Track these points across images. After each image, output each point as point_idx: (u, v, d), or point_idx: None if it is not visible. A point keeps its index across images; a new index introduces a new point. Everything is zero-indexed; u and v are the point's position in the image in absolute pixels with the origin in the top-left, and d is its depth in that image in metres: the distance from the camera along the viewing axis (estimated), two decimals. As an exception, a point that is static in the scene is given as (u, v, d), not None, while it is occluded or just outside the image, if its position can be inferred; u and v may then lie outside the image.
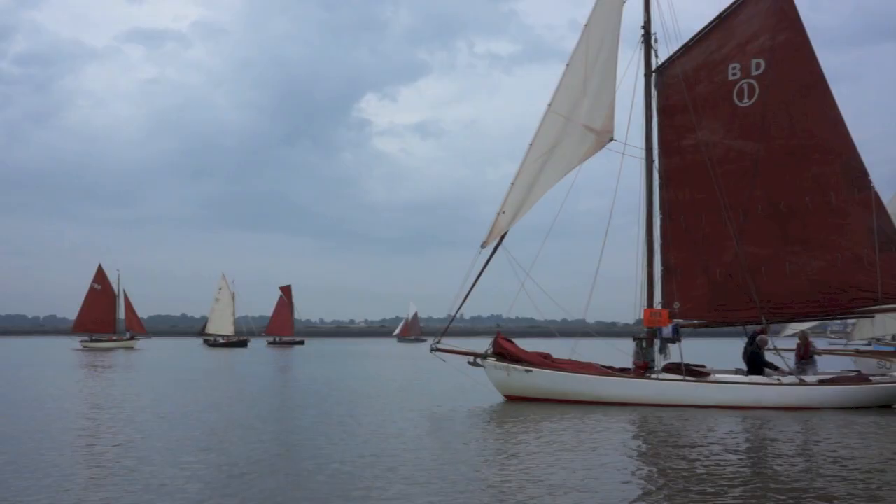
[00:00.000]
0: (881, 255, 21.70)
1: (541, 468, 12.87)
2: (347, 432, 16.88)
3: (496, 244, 23.49)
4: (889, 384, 21.62)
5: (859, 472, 12.49)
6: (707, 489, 11.19)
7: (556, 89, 23.48)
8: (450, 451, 14.54)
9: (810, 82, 22.60)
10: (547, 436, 16.57)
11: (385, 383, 32.17)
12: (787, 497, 10.63)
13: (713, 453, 14.23)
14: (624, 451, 14.83)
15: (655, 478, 12.34)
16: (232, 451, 14.38)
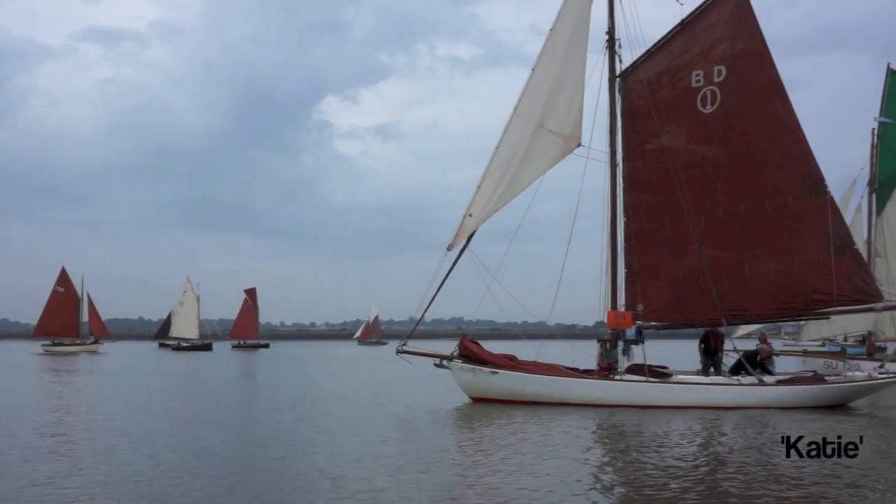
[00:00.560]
0: (836, 259, 22.11)
1: (506, 469, 12.91)
2: (312, 435, 16.89)
3: (462, 247, 23.45)
4: (844, 384, 22.03)
5: (814, 469, 12.54)
6: (668, 487, 11.33)
7: (521, 93, 23.61)
8: (415, 452, 14.57)
9: (769, 89, 22.96)
10: (512, 437, 16.64)
11: (351, 386, 32.07)
12: (748, 495, 10.81)
13: (675, 453, 14.39)
14: (588, 451, 14.97)
15: (618, 477, 12.46)
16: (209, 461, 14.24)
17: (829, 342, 41.24)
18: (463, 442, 16.40)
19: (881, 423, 19.96)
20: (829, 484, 11.37)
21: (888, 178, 38.46)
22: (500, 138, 23.55)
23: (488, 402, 22.30)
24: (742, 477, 12.10)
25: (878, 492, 11.02)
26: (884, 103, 38.47)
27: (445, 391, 23.54)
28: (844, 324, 36.64)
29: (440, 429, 18.43)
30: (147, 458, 13.82)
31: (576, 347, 23.85)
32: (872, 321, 36.21)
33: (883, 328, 37.37)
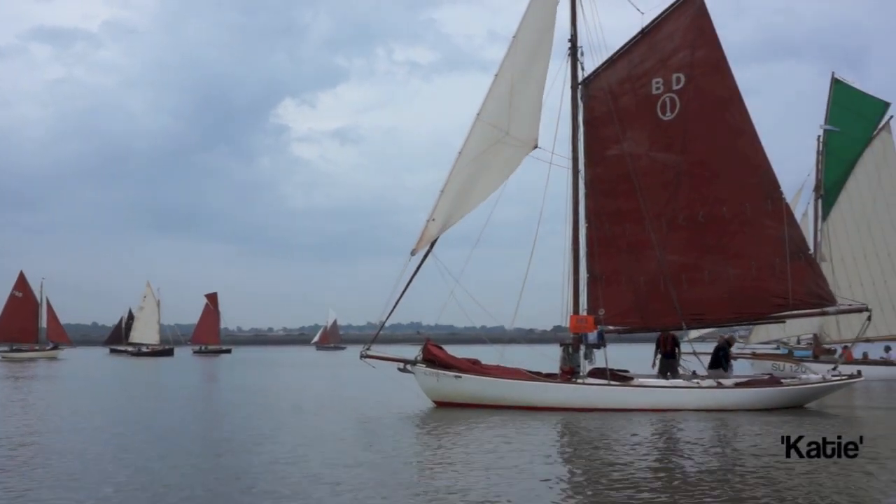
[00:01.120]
0: (791, 264, 22.30)
1: (469, 473, 12.81)
2: (276, 439, 16.58)
3: (426, 252, 23.21)
4: (800, 386, 22.29)
5: (772, 469, 12.80)
6: (629, 489, 11.30)
7: (484, 99, 23.53)
8: (379, 457, 14.37)
9: (727, 97, 23.14)
10: (476, 441, 16.52)
11: (314, 391, 31.59)
12: (710, 495, 10.84)
13: (636, 455, 14.39)
14: (552, 454, 14.94)
15: (582, 479, 12.41)
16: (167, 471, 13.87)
17: (783, 345, 41.42)
18: (427, 446, 16.28)
19: (842, 423, 19.87)
20: (795, 484, 11.46)
21: (833, 185, 39.08)
22: (464, 143, 23.46)
23: (452, 406, 22.12)
24: (704, 476, 12.18)
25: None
26: (828, 111, 39.02)
27: (409, 395, 23.30)
28: (792, 327, 36.86)
29: (404, 434, 18.20)
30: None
31: (538, 351, 23.65)
32: (818, 324, 36.53)
33: (829, 331, 37.70)
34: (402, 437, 17.35)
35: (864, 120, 39.00)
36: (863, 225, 38.30)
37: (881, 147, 38.91)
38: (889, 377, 33.73)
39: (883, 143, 38.91)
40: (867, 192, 38.65)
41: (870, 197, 38.56)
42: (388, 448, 15.44)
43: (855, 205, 38.73)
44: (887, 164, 38.73)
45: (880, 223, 38.26)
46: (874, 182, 38.58)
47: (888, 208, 38.31)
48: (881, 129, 38.99)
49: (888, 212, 38.28)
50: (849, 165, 39.06)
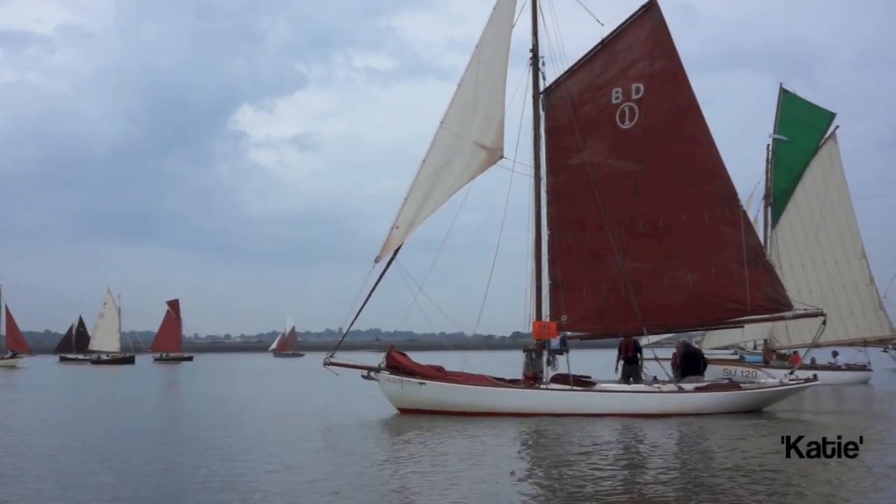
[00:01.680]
0: (749, 270, 22.27)
1: (433, 479, 12.57)
2: (239, 446, 16.20)
3: (390, 259, 22.77)
4: (758, 390, 22.26)
5: (730, 470, 12.87)
6: (593, 493, 11.23)
7: (447, 107, 23.34)
8: (342, 465, 14.08)
9: (685, 106, 23.11)
10: (440, 447, 16.24)
11: (278, 399, 30.90)
12: (673, 498, 10.84)
13: (600, 460, 14.22)
14: (516, 460, 14.69)
15: (546, 485, 12.23)
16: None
17: (740, 350, 41.50)
18: (391, 453, 15.95)
19: (799, 426, 19.73)
20: (748, 486, 11.45)
21: (782, 193, 39.31)
22: (427, 151, 23.19)
23: (416, 413, 21.74)
24: (665, 479, 12.20)
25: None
26: (777, 121, 39.28)
27: (372, 403, 22.82)
28: (743, 332, 37.00)
29: (368, 441, 17.83)
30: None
31: (501, 357, 23.35)
32: (768, 330, 36.65)
33: (778, 336, 37.86)
34: (367, 445, 16.99)
35: (812, 129, 39.37)
36: (810, 232, 38.56)
37: (827, 156, 39.24)
38: (836, 382, 33.98)
39: (829, 153, 39.25)
40: (814, 201, 38.93)
41: (817, 205, 38.83)
42: (353, 456, 15.10)
43: (803, 212, 39.00)
44: (833, 172, 39.08)
45: (827, 231, 38.56)
46: (821, 190, 38.89)
47: (834, 216, 38.64)
48: (827, 138, 39.34)
49: (834, 219, 38.61)
50: (797, 174, 39.34)
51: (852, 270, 38.24)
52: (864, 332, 37.15)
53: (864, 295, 37.91)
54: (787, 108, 39.47)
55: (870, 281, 38.30)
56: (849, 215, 38.84)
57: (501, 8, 23.33)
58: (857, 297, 37.60)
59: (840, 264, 38.24)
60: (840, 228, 38.60)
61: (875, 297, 38.33)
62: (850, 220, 38.78)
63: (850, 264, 38.27)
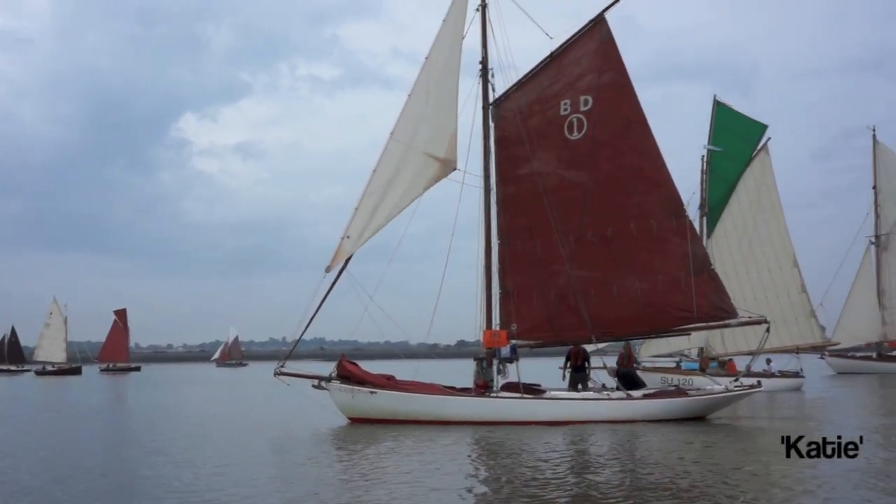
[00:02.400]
0: (696, 279, 22.09)
1: (386, 488, 12.24)
2: (187, 459, 15.47)
3: (341, 268, 22.15)
4: (704, 397, 22.09)
5: (678, 474, 12.90)
6: (548, 499, 11.07)
7: (398, 118, 22.77)
8: (291, 475, 13.58)
9: (632, 118, 22.91)
10: (391, 456, 15.90)
11: (226, 409, 29.92)
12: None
13: (550, 466, 14.09)
14: (468, 468, 14.41)
15: (497, 493, 11.95)
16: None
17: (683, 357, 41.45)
18: (343, 463, 15.35)
19: (740, 432, 20.08)
20: (691, 490, 11.45)
21: (717, 203, 39.51)
22: (378, 161, 22.63)
23: (367, 422, 21.11)
24: (614, 483, 12.19)
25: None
26: (711, 132, 39.46)
27: (322, 412, 22.09)
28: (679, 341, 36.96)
29: (320, 450, 17.22)
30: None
31: (451, 366, 22.87)
32: (704, 338, 36.67)
33: (714, 344, 37.94)
34: (319, 455, 16.38)
35: (745, 141, 39.72)
36: (744, 242, 38.78)
37: (760, 167, 39.59)
38: (770, 388, 33.99)
39: (762, 164, 39.62)
40: (748, 211, 39.21)
41: (750, 215, 39.09)
42: (304, 467, 14.55)
43: (737, 222, 39.23)
44: (766, 183, 39.43)
45: (760, 240, 38.84)
46: (754, 200, 39.18)
47: (767, 226, 38.95)
48: (760, 149, 39.70)
49: (767, 229, 38.91)
50: (731, 184, 39.62)
51: (785, 278, 38.53)
52: (796, 340, 37.40)
53: (797, 302, 38.22)
54: (720, 119, 39.72)
55: (801, 289, 38.63)
56: (781, 225, 39.17)
57: (451, 20, 22.91)
58: (790, 304, 37.85)
59: (773, 272, 38.51)
60: (773, 238, 38.89)
61: (807, 304, 38.68)
62: (782, 229, 39.11)
63: (782, 273, 38.57)
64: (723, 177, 39.56)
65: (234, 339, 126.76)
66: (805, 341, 38.09)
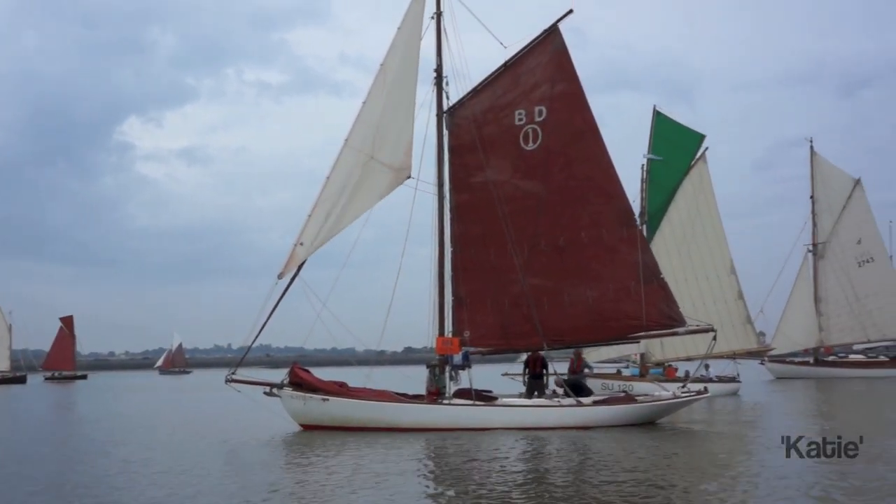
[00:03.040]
0: (645, 287, 22.17)
1: (336, 496, 12.02)
2: (134, 468, 15.02)
3: (293, 275, 21.65)
4: (652, 403, 22.09)
5: (630, 479, 12.86)
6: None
7: (352, 125, 22.37)
8: (245, 485, 13.10)
9: (584, 129, 22.93)
10: (343, 463, 15.54)
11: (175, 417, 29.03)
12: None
13: (503, 472, 14.03)
14: (418, 475, 14.15)
15: (448, 499, 11.83)
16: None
17: (632, 364, 41.64)
18: (295, 471, 14.99)
19: (683, 436, 20.26)
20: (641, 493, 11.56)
21: (657, 211, 39.79)
22: (332, 168, 22.20)
23: (319, 429, 20.68)
24: (562, 489, 12.24)
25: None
26: (651, 142, 39.75)
27: (273, 419, 21.51)
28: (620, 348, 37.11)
29: (271, 458, 16.81)
30: None
31: (403, 373, 22.56)
32: (644, 344, 36.85)
33: (653, 351, 38.20)
34: (270, 462, 16.03)
35: (683, 150, 40.13)
36: (683, 249, 39.09)
37: (698, 176, 40.04)
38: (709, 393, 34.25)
39: (700, 173, 40.09)
40: (686, 219, 39.57)
41: (689, 223, 39.48)
42: (256, 475, 14.13)
43: (676, 230, 39.55)
44: (704, 192, 39.90)
45: (698, 248, 39.23)
46: (693, 209, 39.57)
47: (705, 234, 39.39)
48: (698, 159, 40.14)
49: (705, 237, 39.35)
50: (670, 193, 39.95)
51: (722, 286, 39.02)
52: (733, 345, 37.80)
53: (733, 309, 38.74)
54: (660, 129, 40.06)
55: (738, 296, 39.19)
56: (718, 233, 39.67)
57: (406, 27, 22.62)
58: (727, 311, 38.31)
59: (710, 280, 38.92)
60: (710, 245, 39.35)
61: (743, 311, 39.26)
62: (719, 237, 39.63)
63: (719, 280, 39.04)
64: (662, 185, 39.89)
65: (177, 346, 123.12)
66: (741, 347, 38.58)
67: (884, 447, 15.50)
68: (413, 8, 22.67)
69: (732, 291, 39.11)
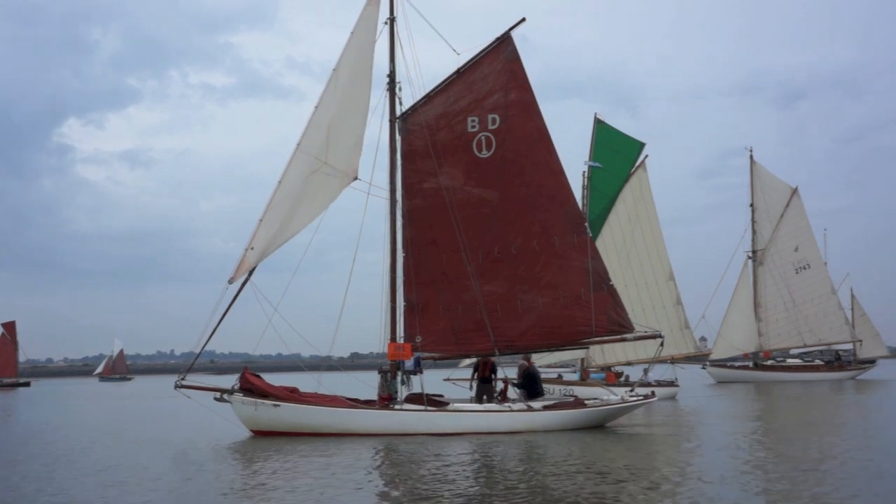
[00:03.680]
0: (595, 294, 22.70)
1: (290, 501, 12.09)
2: (85, 475, 14.92)
3: (244, 280, 21.69)
4: (602, 407, 22.54)
5: (578, 482, 13.20)
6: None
7: (304, 129, 22.39)
8: (191, 489, 13.29)
9: (537, 137, 23.29)
10: (294, 469, 15.51)
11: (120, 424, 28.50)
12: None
13: (453, 477, 14.16)
14: (370, 480, 14.24)
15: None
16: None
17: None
18: (246, 477, 14.94)
19: (634, 440, 20.57)
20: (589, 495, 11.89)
21: (597, 217, 40.54)
22: (283, 173, 22.16)
23: (271, 435, 20.68)
24: (510, 490, 12.49)
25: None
26: (592, 149, 40.62)
27: (225, 425, 21.54)
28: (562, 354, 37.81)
29: (222, 465, 16.65)
30: None
31: (356, 378, 22.74)
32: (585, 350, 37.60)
33: (594, 356, 39.02)
34: (221, 469, 15.91)
35: (624, 158, 40.98)
36: (623, 256, 39.96)
37: (638, 184, 40.99)
38: None
39: (640, 180, 41.03)
40: (626, 225, 40.47)
41: (629, 229, 40.39)
42: (205, 482, 14.16)
43: (616, 237, 40.42)
44: (643, 199, 40.84)
45: (638, 254, 40.17)
46: (633, 216, 40.50)
47: (644, 240, 40.35)
48: (638, 167, 41.10)
49: (645, 243, 40.32)
50: (611, 200, 40.76)
51: (661, 292, 40.04)
52: (671, 350, 38.63)
53: (672, 315, 39.75)
54: (601, 137, 40.86)
55: (677, 301, 40.26)
56: (658, 240, 40.68)
57: (360, 32, 22.72)
58: (665, 316, 39.28)
59: (650, 286, 39.93)
60: (650, 252, 40.33)
61: (682, 316, 40.32)
62: (658, 244, 40.62)
63: (658, 286, 40.07)
64: (603, 192, 40.68)
65: (118, 352, 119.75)
66: (679, 352, 39.64)
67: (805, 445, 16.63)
68: (366, 13, 22.76)
69: (671, 297, 40.18)
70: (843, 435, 20.37)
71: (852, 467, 14.15)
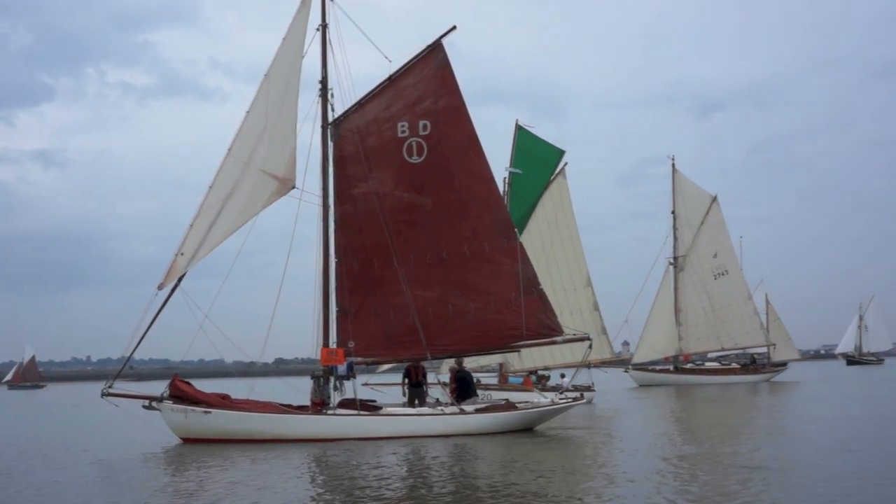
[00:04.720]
0: (525, 298, 23.30)
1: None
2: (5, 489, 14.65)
3: (174, 285, 21.79)
4: (531, 410, 23.26)
5: (511, 483, 13.60)
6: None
7: (235, 134, 22.53)
8: (117, 499, 13.32)
9: (467, 143, 23.82)
10: (225, 476, 15.59)
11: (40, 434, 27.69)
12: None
13: (385, 481, 14.44)
14: (302, 486, 14.51)
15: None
16: None
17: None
18: (175, 486, 14.90)
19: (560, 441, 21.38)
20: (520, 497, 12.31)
21: (517, 223, 40.96)
22: (214, 178, 22.26)
23: (201, 442, 20.72)
24: (444, 492, 12.87)
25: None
26: (513, 155, 41.60)
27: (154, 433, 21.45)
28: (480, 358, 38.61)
29: (149, 474, 16.57)
30: None
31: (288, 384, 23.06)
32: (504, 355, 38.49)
33: (512, 360, 39.97)
34: (148, 478, 15.88)
35: (544, 165, 41.83)
36: (541, 262, 40.53)
37: (557, 190, 42.00)
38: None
39: (559, 187, 42.02)
40: (546, 232, 41.38)
41: (548, 236, 41.33)
42: (132, 488, 14.30)
43: (535, 243, 41.12)
44: (563, 206, 41.89)
45: (556, 260, 41.17)
46: (552, 222, 41.48)
47: (563, 247, 41.41)
48: (558, 174, 42.21)
49: (563, 250, 41.38)
50: (531, 206, 41.56)
51: (578, 297, 41.22)
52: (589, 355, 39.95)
53: (589, 320, 40.79)
54: (521, 143, 41.60)
55: (594, 307, 41.53)
56: (576, 246, 41.84)
57: (291, 38, 22.92)
58: (583, 322, 40.06)
59: (567, 291, 41.00)
60: (568, 258, 41.46)
61: (599, 322, 41.56)
62: (577, 250, 41.78)
63: (576, 292, 41.23)
64: (523, 199, 41.47)
65: (30, 358, 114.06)
66: (596, 357, 40.79)
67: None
68: (298, 18, 22.96)
69: (588, 303, 41.43)
70: (757, 434, 21.59)
71: (763, 464, 15.03)
